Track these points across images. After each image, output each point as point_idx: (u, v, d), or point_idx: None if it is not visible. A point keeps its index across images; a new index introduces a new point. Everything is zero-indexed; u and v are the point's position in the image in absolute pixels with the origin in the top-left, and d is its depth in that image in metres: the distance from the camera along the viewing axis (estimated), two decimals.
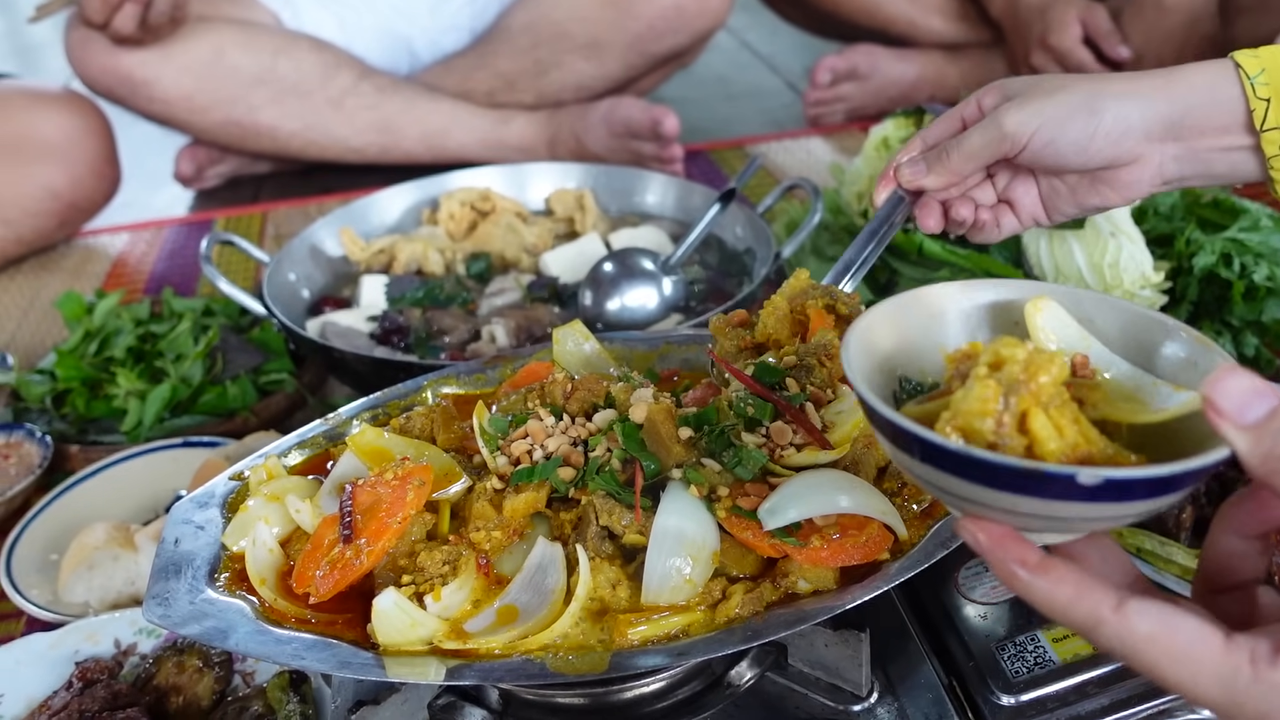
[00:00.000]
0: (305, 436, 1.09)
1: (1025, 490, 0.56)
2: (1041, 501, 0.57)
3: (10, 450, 1.48)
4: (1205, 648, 0.57)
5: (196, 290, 2.10)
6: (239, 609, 0.85)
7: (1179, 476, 0.56)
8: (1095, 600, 0.59)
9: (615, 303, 1.54)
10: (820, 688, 0.92)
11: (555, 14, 2.52)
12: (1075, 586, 0.59)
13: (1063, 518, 0.58)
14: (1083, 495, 0.55)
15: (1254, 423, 0.55)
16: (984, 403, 0.58)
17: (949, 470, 0.58)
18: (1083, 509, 0.57)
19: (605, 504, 0.86)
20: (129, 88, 2.32)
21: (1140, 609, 0.58)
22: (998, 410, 0.58)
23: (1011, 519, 0.59)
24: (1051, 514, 0.58)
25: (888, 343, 0.69)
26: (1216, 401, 0.56)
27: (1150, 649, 0.58)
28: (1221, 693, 0.57)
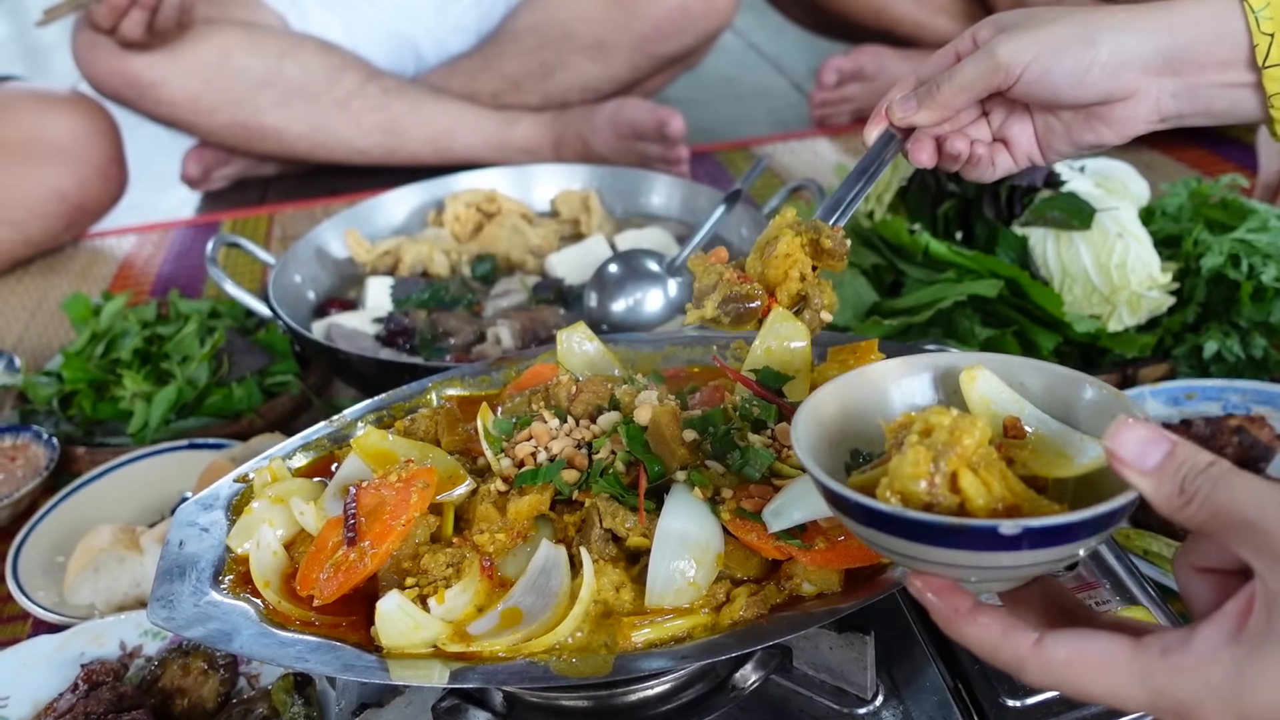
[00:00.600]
0: (310, 439, 1.09)
1: (956, 544, 0.62)
2: (972, 554, 0.62)
3: (17, 452, 1.48)
4: (1117, 656, 0.62)
5: (203, 292, 2.10)
6: (243, 611, 0.85)
7: (1091, 521, 0.61)
8: (1017, 641, 0.64)
9: (620, 304, 1.54)
10: (825, 690, 0.92)
11: (561, 15, 2.53)
12: (1000, 629, 0.65)
13: (994, 567, 0.64)
14: (1007, 545, 0.61)
15: (1153, 468, 0.61)
16: (916, 466, 0.64)
17: (888, 531, 0.64)
18: (1010, 558, 0.62)
19: (609, 506, 0.86)
20: (136, 90, 2.33)
21: (1055, 640, 0.63)
22: (929, 472, 0.64)
23: (950, 572, 0.65)
24: (983, 564, 0.63)
25: (837, 418, 0.75)
26: (1117, 452, 0.61)
27: (1070, 672, 0.63)
28: (1143, 691, 0.61)
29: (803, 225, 0.97)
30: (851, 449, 0.76)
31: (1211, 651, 0.60)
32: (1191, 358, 1.46)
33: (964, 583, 0.67)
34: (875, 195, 1.68)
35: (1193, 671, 0.60)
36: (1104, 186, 1.56)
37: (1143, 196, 1.60)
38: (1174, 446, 0.61)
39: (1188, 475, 0.61)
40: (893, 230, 1.58)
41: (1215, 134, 2.43)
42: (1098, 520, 0.62)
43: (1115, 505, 0.62)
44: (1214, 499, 0.60)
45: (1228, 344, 1.42)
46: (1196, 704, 0.60)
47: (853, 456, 0.76)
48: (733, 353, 1.15)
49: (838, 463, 0.75)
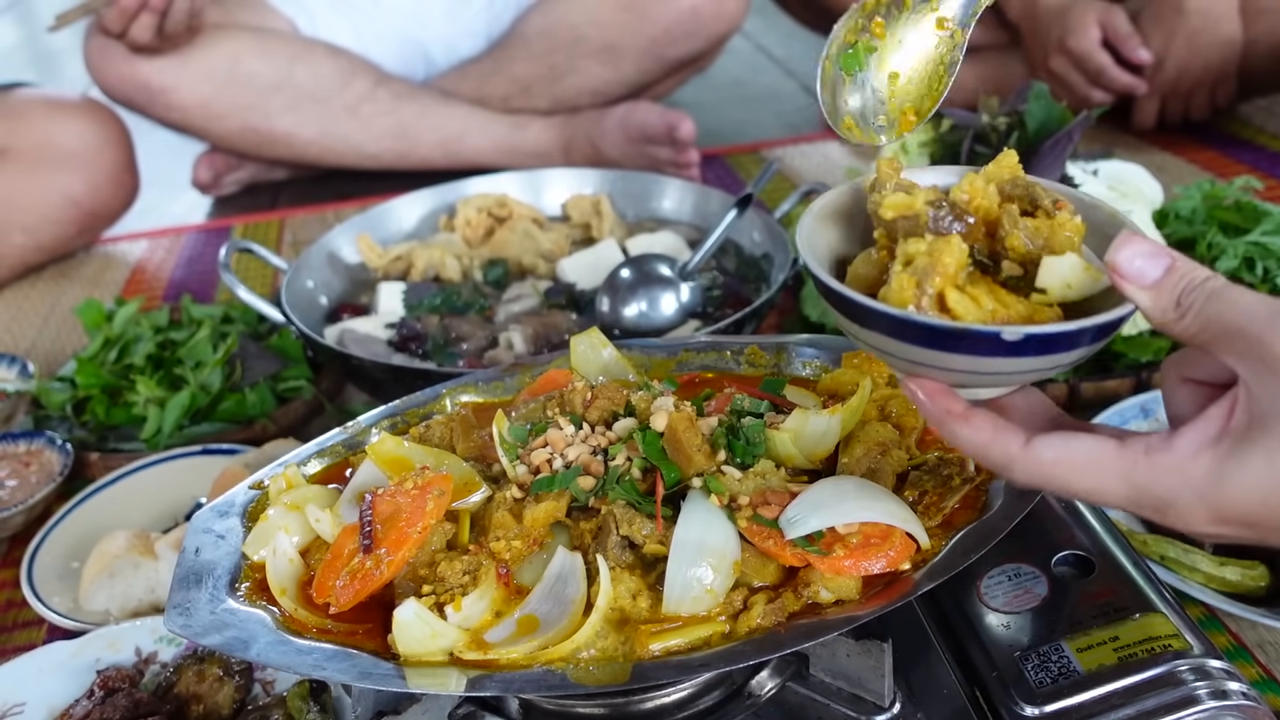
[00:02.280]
0: (324, 445, 1.09)
1: (957, 349, 0.65)
2: (971, 358, 0.66)
3: (31, 458, 1.49)
4: (1101, 455, 0.65)
5: (215, 297, 2.10)
6: (260, 619, 0.85)
7: (1092, 329, 0.64)
8: (1006, 441, 0.67)
9: (633, 309, 1.54)
10: (842, 698, 0.92)
11: (571, 19, 2.53)
12: (991, 431, 0.68)
13: (991, 372, 0.67)
14: (1007, 350, 0.64)
15: (1153, 282, 0.63)
16: (902, 292, 0.67)
17: (889, 334, 0.67)
18: (1008, 363, 0.66)
19: (625, 513, 0.86)
20: (147, 95, 2.34)
21: (1044, 441, 0.66)
22: (916, 296, 0.67)
23: (946, 375, 0.69)
24: (981, 369, 0.67)
25: (837, 229, 0.78)
26: (1119, 266, 0.64)
27: (1057, 471, 0.66)
28: (1125, 488, 0.65)
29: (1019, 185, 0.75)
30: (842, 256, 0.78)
31: (1193, 450, 0.63)
32: None
33: (957, 387, 0.70)
34: None
35: (1174, 469, 0.63)
36: (1117, 189, 1.55)
37: (1156, 199, 1.60)
38: (1173, 261, 0.63)
39: (1184, 289, 0.63)
40: None
41: (1228, 136, 2.42)
42: (1097, 330, 0.64)
43: (1114, 316, 0.64)
44: (1206, 310, 0.62)
45: None
46: (1175, 499, 0.63)
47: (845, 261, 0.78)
48: (746, 358, 1.15)
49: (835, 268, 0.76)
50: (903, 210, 0.71)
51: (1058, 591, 0.95)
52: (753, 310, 1.45)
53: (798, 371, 1.12)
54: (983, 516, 0.85)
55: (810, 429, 0.92)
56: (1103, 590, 0.95)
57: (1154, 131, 2.44)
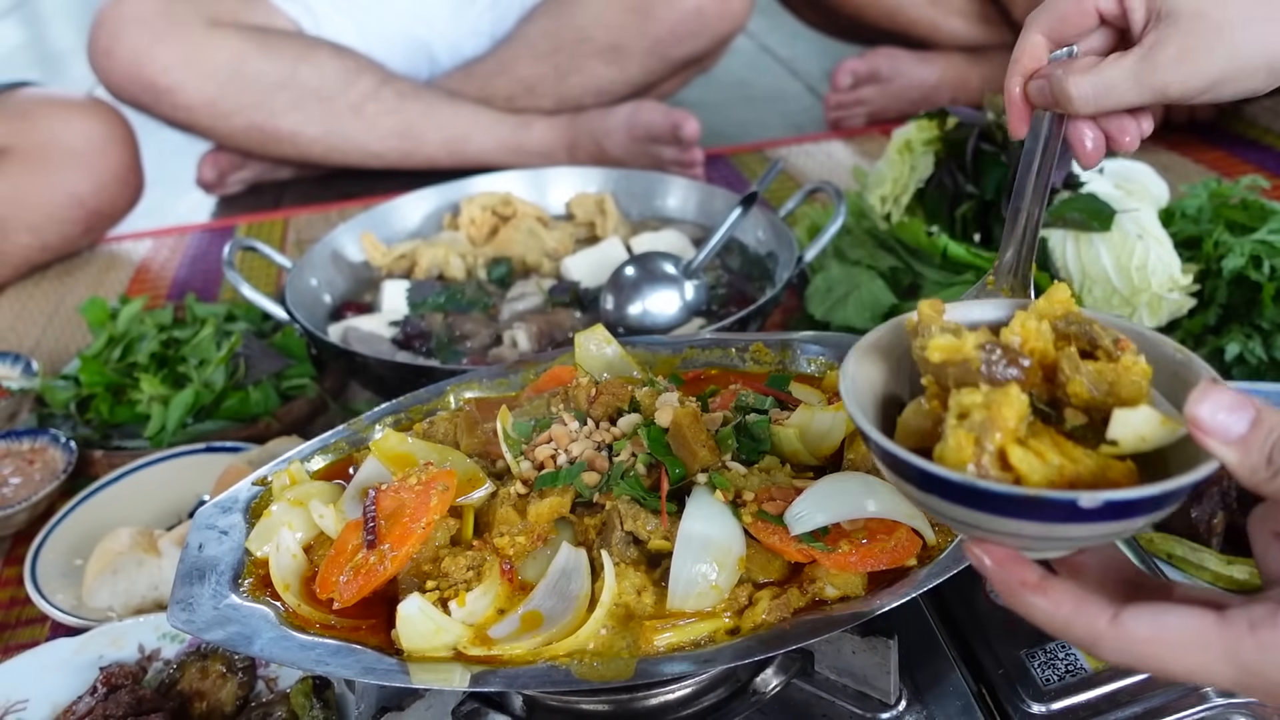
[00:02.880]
0: (328, 442, 1.08)
1: (1028, 515, 0.59)
2: (1044, 525, 0.59)
3: (35, 455, 1.49)
4: (1202, 632, 0.58)
5: (219, 296, 2.10)
6: (263, 614, 0.85)
7: (1173, 493, 0.58)
8: (1091, 615, 0.60)
9: (637, 307, 1.53)
10: (847, 695, 0.91)
11: (576, 19, 2.52)
12: (1073, 604, 0.61)
13: (1065, 538, 0.61)
14: (1084, 517, 0.58)
15: (1239, 437, 0.57)
16: (960, 452, 0.60)
17: (952, 499, 0.61)
18: (1084, 529, 0.59)
19: (630, 509, 0.85)
20: (152, 94, 2.34)
21: (1134, 615, 0.60)
22: (976, 454, 0.60)
23: (1014, 541, 0.62)
24: (1054, 535, 0.60)
25: (880, 367, 0.72)
26: (1201, 421, 0.58)
27: (1151, 650, 0.59)
28: (1232, 669, 0.58)
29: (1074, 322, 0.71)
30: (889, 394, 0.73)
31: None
32: (1213, 360, 1.44)
33: (1024, 550, 0.64)
34: (893, 197, 1.68)
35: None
36: (1123, 188, 1.55)
37: (1162, 198, 1.59)
38: (1259, 413, 0.58)
39: (1276, 444, 0.57)
40: (910, 232, 1.57)
41: (1234, 135, 2.41)
42: (1178, 492, 0.59)
43: (1196, 476, 0.59)
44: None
45: (1250, 346, 1.41)
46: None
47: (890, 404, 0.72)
48: (751, 356, 1.15)
49: (880, 414, 0.71)
50: (951, 355, 0.65)
51: None
52: (757, 308, 1.45)
53: (803, 369, 1.12)
54: None
55: (816, 425, 0.92)
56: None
57: (1160, 130, 2.43)
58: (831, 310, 1.58)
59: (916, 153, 1.66)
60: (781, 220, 1.68)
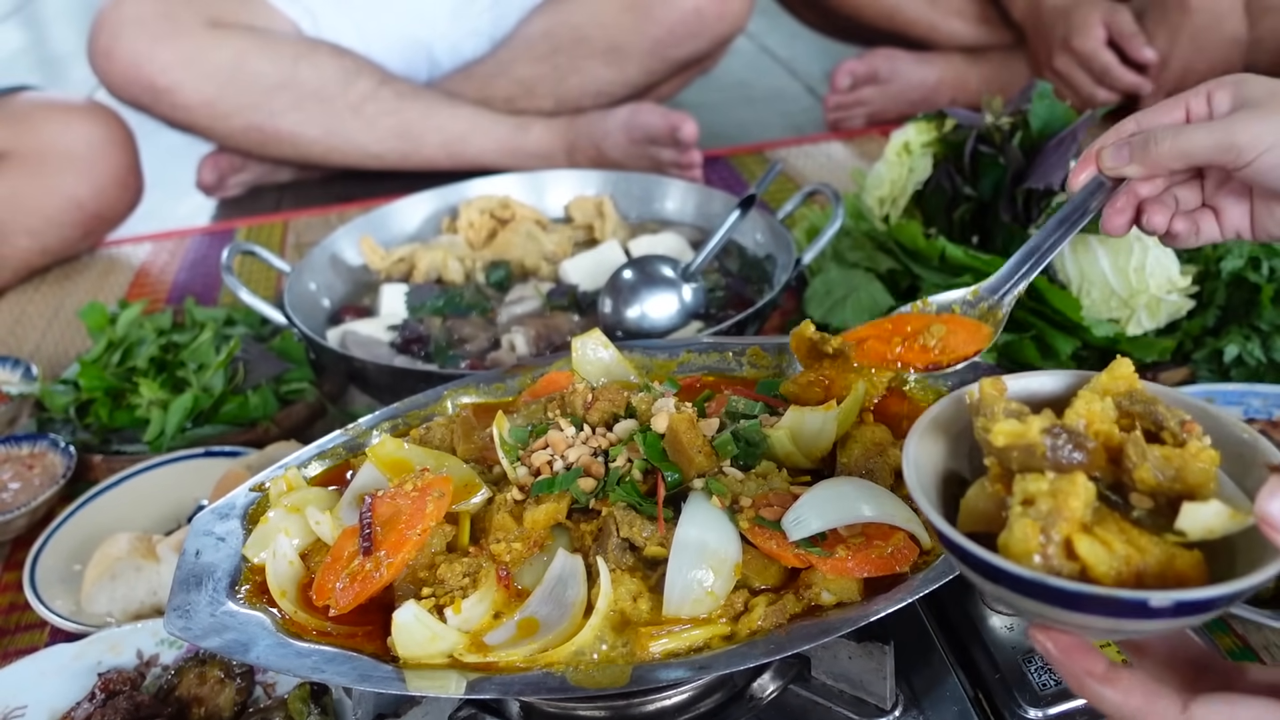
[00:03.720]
0: (325, 447, 1.09)
1: (1097, 612, 0.59)
2: (1113, 620, 0.60)
3: (34, 460, 1.49)
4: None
5: (218, 300, 2.10)
6: (260, 621, 0.85)
7: (1242, 592, 0.58)
8: (1162, 708, 0.61)
9: (635, 310, 1.53)
10: (844, 700, 0.91)
11: (575, 19, 2.52)
12: (1143, 696, 0.61)
13: (1133, 631, 0.62)
14: (1153, 615, 0.58)
15: None
16: (1026, 542, 0.60)
17: (1020, 592, 0.61)
18: (1152, 625, 0.60)
19: (626, 515, 0.85)
20: (152, 95, 2.34)
21: (1206, 706, 0.60)
22: (1041, 544, 0.60)
23: (1082, 631, 0.63)
24: (1122, 629, 0.62)
25: (940, 443, 0.72)
26: (1272, 518, 0.57)
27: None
28: None
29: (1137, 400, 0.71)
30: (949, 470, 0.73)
31: None
32: (1212, 361, 1.44)
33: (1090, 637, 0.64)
34: (891, 199, 1.68)
35: None
36: None
37: None
38: None
39: None
40: (909, 234, 1.57)
41: None
42: (1247, 591, 0.59)
43: (1266, 576, 0.59)
44: None
45: (1249, 347, 1.41)
46: None
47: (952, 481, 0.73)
48: (749, 359, 1.15)
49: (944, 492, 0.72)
50: (1015, 440, 0.65)
51: None
52: (755, 311, 1.45)
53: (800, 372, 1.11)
54: None
55: (807, 426, 0.92)
56: None
57: None
58: (830, 312, 1.58)
59: (915, 155, 1.66)
60: (780, 222, 1.68)
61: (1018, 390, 0.73)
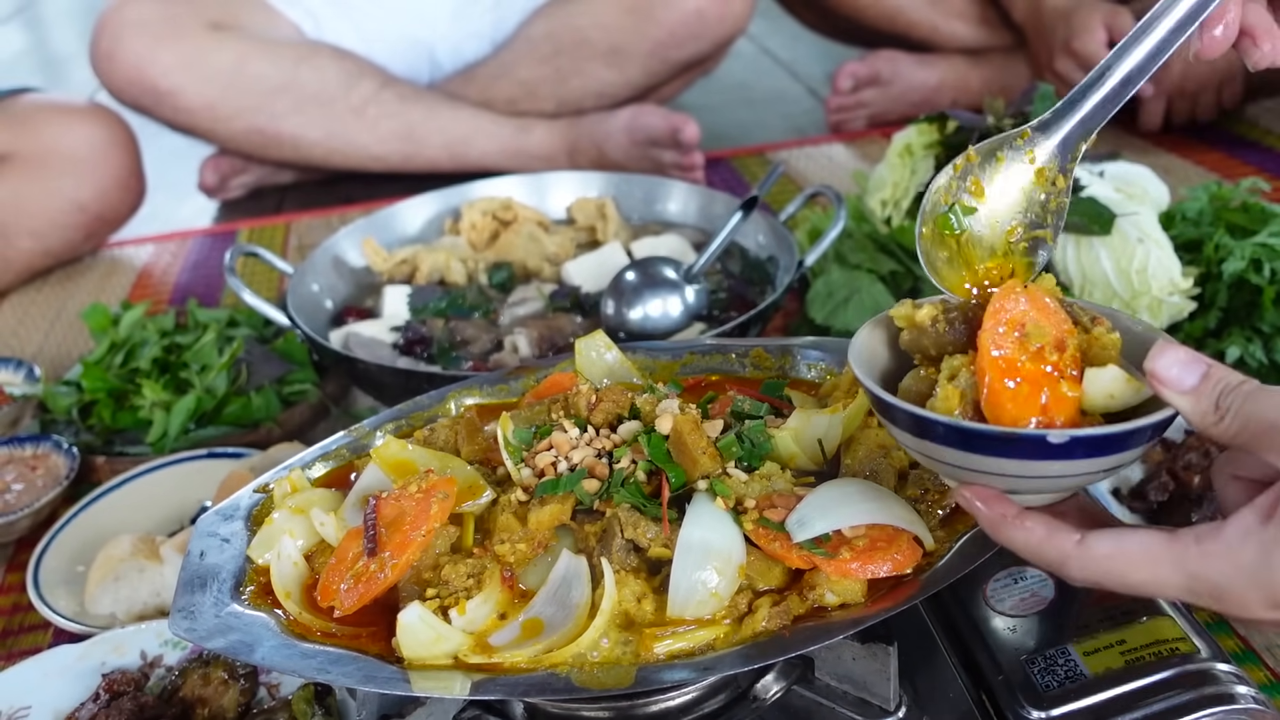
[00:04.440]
0: (329, 448, 1.09)
1: (1005, 453, 0.69)
2: (1020, 462, 0.69)
3: (37, 462, 1.49)
4: (1154, 547, 0.68)
5: (220, 301, 2.11)
6: (264, 622, 0.85)
7: (1135, 432, 0.68)
8: (1060, 539, 0.70)
9: (638, 312, 1.53)
10: (848, 701, 0.91)
11: (577, 21, 2.53)
12: (1045, 530, 0.71)
13: (1040, 476, 0.70)
14: (1055, 453, 0.67)
15: (1191, 388, 0.67)
16: (948, 401, 0.72)
17: (940, 441, 0.71)
18: (1057, 467, 0.68)
19: (630, 516, 0.85)
20: (154, 98, 2.34)
21: (1097, 537, 0.69)
22: (961, 405, 0.72)
23: (998, 481, 0.72)
24: (1031, 473, 0.70)
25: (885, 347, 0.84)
26: (1158, 373, 0.67)
27: (1112, 564, 0.69)
28: (1180, 577, 0.67)
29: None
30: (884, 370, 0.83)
31: (1242, 536, 0.65)
32: None
33: (1009, 494, 0.72)
34: (893, 201, 1.68)
35: (1225, 555, 0.65)
36: (1124, 191, 1.55)
37: (1162, 201, 1.59)
38: (1209, 368, 0.67)
39: (1222, 393, 0.66)
40: (911, 236, 1.57)
41: (1234, 136, 2.41)
42: (1140, 432, 0.68)
43: (1156, 419, 0.68)
44: (1244, 411, 0.66)
45: (1250, 349, 1.41)
46: (1229, 585, 0.65)
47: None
48: (752, 361, 1.15)
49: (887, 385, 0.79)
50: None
51: (1064, 594, 0.94)
52: (758, 313, 1.45)
53: (803, 374, 1.12)
54: None
55: (812, 428, 0.92)
56: (1109, 593, 0.94)
57: (1160, 133, 2.43)
58: (832, 314, 1.58)
59: (917, 156, 1.66)
60: (782, 224, 1.68)
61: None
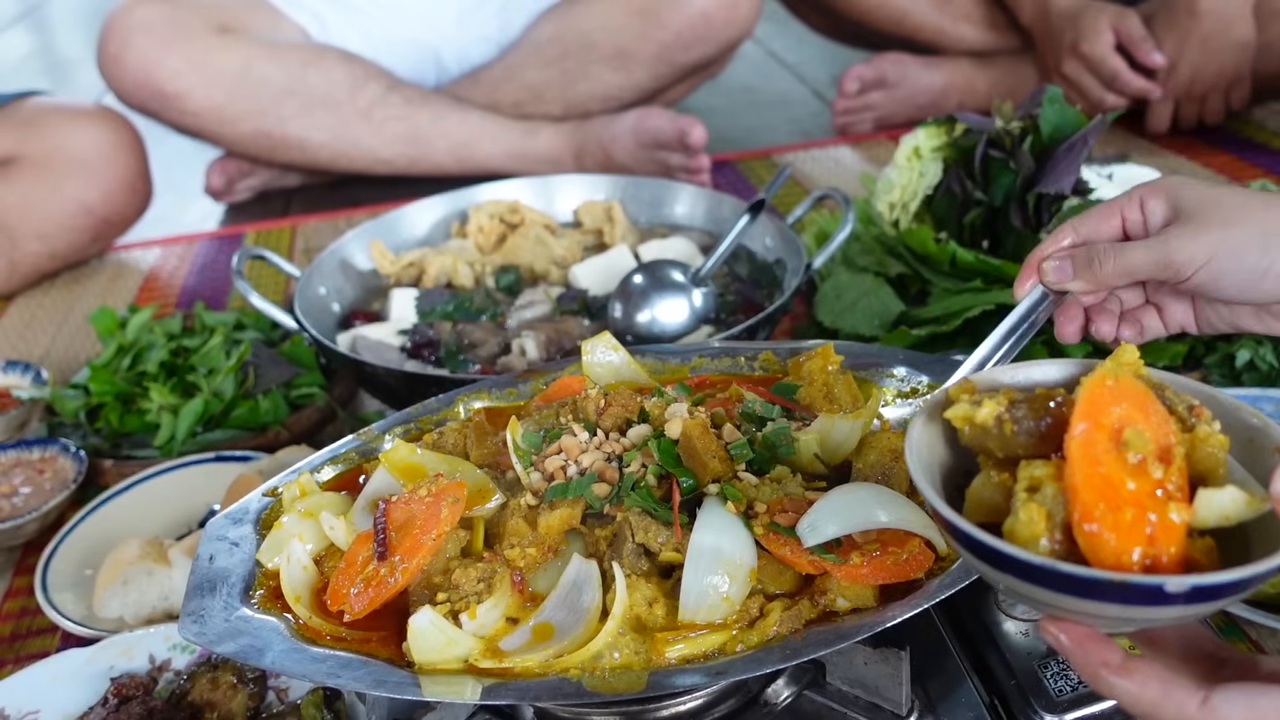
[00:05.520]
0: (337, 452, 1.09)
1: (1110, 599, 0.58)
2: (1126, 608, 0.58)
3: (45, 465, 1.49)
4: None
5: (227, 304, 2.11)
6: (274, 626, 0.85)
7: (1259, 576, 0.57)
8: (1180, 699, 0.60)
9: (645, 315, 1.53)
10: (859, 706, 0.91)
11: (583, 25, 2.53)
12: (1160, 686, 0.61)
13: (1146, 619, 0.60)
14: (1168, 600, 0.57)
15: None
16: (1032, 526, 0.60)
17: (1027, 579, 0.60)
18: (1166, 612, 0.58)
19: (641, 521, 0.85)
20: (161, 101, 2.35)
21: (1225, 698, 0.60)
22: (1049, 529, 0.60)
23: (1093, 620, 0.61)
24: (1135, 617, 0.60)
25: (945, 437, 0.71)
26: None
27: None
28: None
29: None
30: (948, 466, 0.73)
31: None
32: (1224, 366, 1.44)
33: (1102, 628, 0.63)
34: (901, 204, 1.68)
35: None
36: None
37: None
38: None
39: None
40: (919, 239, 1.57)
41: (1242, 139, 2.41)
42: (1264, 575, 0.58)
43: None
44: None
45: (1260, 352, 1.40)
46: None
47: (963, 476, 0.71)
48: (760, 364, 1.15)
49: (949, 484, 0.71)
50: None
51: None
52: (766, 316, 1.45)
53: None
54: None
55: (835, 433, 0.92)
56: None
57: (1168, 135, 2.43)
58: (840, 317, 1.58)
59: (925, 159, 1.66)
60: (789, 227, 1.68)
61: (1019, 380, 0.72)
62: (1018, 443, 0.65)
